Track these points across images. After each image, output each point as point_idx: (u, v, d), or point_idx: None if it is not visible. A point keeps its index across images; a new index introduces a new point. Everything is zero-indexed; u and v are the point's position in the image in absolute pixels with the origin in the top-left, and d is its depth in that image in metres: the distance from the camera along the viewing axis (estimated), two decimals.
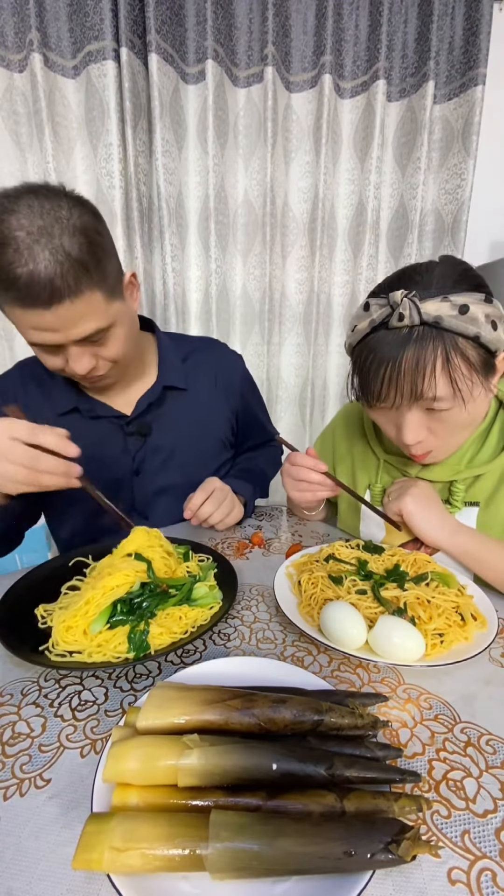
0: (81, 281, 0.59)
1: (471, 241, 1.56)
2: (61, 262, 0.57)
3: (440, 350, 0.55)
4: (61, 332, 0.62)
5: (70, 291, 0.58)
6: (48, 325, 0.60)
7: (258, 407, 1.06)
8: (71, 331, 0.62)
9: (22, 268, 0.55)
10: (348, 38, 1.45)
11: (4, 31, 1.28)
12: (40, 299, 0.57)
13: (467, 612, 0.52)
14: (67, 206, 0.59)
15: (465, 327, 0.54)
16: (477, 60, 1.41)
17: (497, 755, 0.39)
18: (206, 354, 0.94)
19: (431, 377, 0.56)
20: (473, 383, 0.57)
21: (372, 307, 0.59)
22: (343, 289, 1.65)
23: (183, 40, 1.38)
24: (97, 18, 1.26)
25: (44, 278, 0.56)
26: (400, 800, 0.32)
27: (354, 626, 0.49)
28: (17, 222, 0.55)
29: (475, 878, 0.31)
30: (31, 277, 0.56)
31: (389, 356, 0.57)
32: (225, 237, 1.54)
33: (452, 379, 0.56)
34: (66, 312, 0.60)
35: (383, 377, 0.58)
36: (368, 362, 0.59)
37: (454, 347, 0.55)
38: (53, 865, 0.31)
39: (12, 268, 0.55)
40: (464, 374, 0.56)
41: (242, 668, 0.46)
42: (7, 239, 0.55)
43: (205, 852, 0.28)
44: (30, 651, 0.48)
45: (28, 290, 0.56)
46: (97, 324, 0.64)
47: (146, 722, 0.36)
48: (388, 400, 0.60)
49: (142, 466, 0.85)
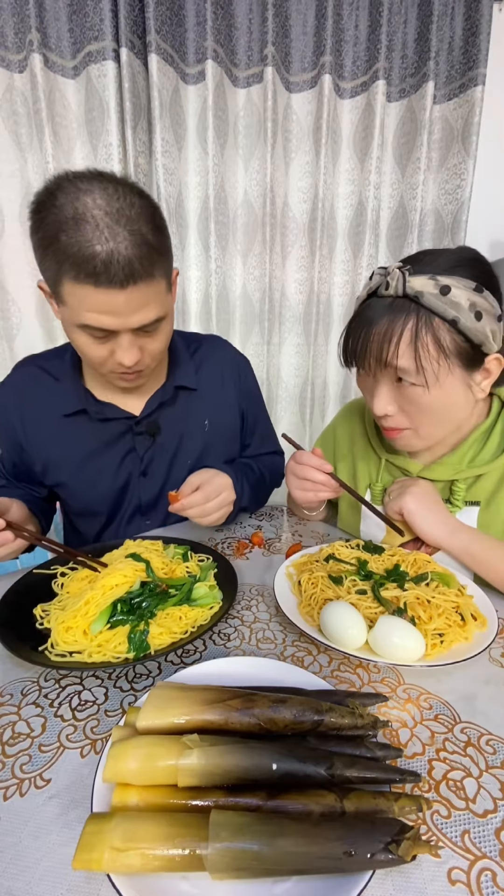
0: (155, 266, 0.60)
1: (471, 241, 1.56)
2: (139, 245, 0.57)
3: (411, 323, 0.57)
4: (123, 317, 0.60)
5: (146, 274, 0.59)
6: (116, 308, 0.59)
7: (262, 413, 1.03)
8: (133, 316, 0.61)
9: (102, 245, 0.55)
10: (348, 38, 1.45)
11: (4, 31, 1.28)
12: (117, 279, 0.56)
13: (467, 612, 0.52)
14: (137, 194, 0.59)
15: (444, 308, 0.55)
16: (477, 60, 1.41)
17: (497, 755, 0.39)
18: (210, 351, 0.93)
19: (397, 347, 0.58)
20: (440, 366, 0.58)
21: (375, 277, 0.61)
22: (343, 289, 1.65)
23: (183, 40, 1.38)
24: (97, 19, 1.26)
25: (124, 258, 0.56)
26: (400, 800, 0.32)
27: (354, 626, 0.49)
28: (94, 202, 0.55)
29: (475, 878, 0.31)
30: (110, 256, 0.55)
31: (369, 320, 0.60)
32: (225, 237, 1.54)
33: (417, 354, 0.57)
34: (137, 295, 0.59)
35: (358, 338, 0.61)
36: (353, 324, 0.63)
37: (427, 325, 0.57)
38: (53, 865, 0.31)
39: (91, 245, 0.54)
40: (430, 353, 0.57)
41: (242, 668, 0.46)
42: (84, 216, 0.54)
43: (205, 852, 0.28)
44: (30, 651, 0.48)
45: (106, 268, 0.55)
46: (157, 312, 0.64)
47: (146, 722, 0.36)
48: (360, 361, 0.63)
49: (149, 467, 0.85)
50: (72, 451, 0.80)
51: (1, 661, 0.50)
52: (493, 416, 0.69)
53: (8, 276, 1.43)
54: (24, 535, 0.60)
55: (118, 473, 0.83)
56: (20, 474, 0.86)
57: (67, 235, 0.55)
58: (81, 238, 0.54)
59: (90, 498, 0.84)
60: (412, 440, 0.68)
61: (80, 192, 0.55)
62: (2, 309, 1.45)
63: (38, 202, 0.58)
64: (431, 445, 0.70)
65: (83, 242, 0.54)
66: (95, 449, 0.81)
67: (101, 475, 0.82)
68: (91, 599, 0.52)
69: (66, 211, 0.55)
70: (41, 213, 0.57)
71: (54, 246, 0.56)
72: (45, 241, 0.57)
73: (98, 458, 0.81)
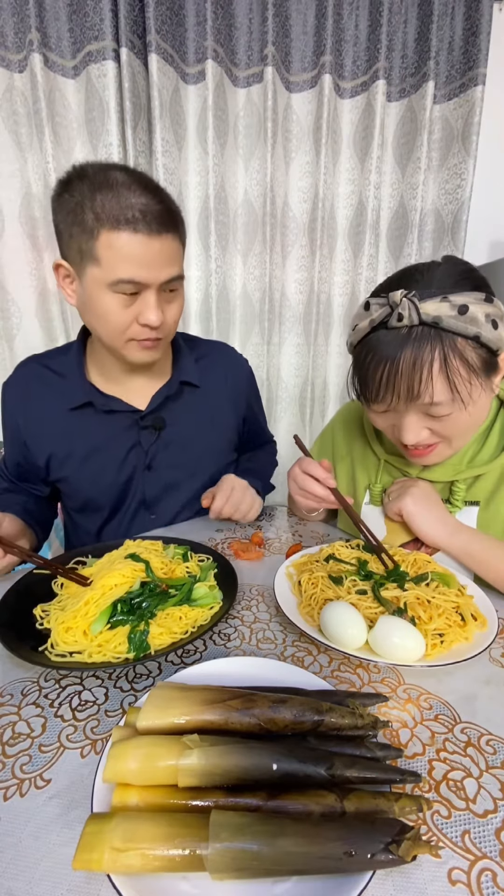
0: (178, 225, 0.69)
1: (471, 241, 1.56)
2: (168, 204, 0.66)
3: (438, 351, 0.54)
4: (155, 270, 0.66)
5: (173, 228, 0.67)
6: (150, 257, 0.64)
7: (260, 411, 1.07)
8: (162, 270, 0.66)
9: (137, 199, 0.63)
10: (348, 38, 1.45)
11: (4, 31, 1.28)
12: (153, 226, 0.63)
13: (467, 612, 0.52)
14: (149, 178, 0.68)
15: (465, 327, 0.53)
16: (477, 60, 1.41)
17: (497, 755, 0.39)
18: (217, 357, 0.95)
19: (429, 379, 0.55)
20: (472, 385, 0.56)
21: (372, 307, 0.58)
22: (343, 289, 1.65)
23: (183, 40, 1.38)
24: (97, 18, 1.26)
25: (157, 210, 0.64)
26: (400, 800, 0.32)
27: (354, 626, 0.49)
28: (121, 174, 0.64)
29: (475, 879, 0.31)
30: (146, 207, 0.63)
31: (388, 356, 0.57)
32: (225, 237, 1.54)
33: (451, 382, 0.55)
34: (167, 246, 0.66)
35: (381, 377, 0.58)
36: (367, 361, 0.59)
37: (452, 349, 0.54)
38: (53, 865, 0.31)
39: (128, 198, 0.62)
40: (462, 377, 0.55)
41: (242, 668, 0.46)
42: (116, 180, 0.63)
43: (205, 852, 0.28)
44: (30, 651, 0.48)
45: (143, 216, 0.62)
46: (179, 270, 0.70)
47: (146, 722, 0.36)
48: (385, 401, 0.60)
49: (154, 461, 0.86)
50: (77, 444, 0.82)
51: (1, 661, 0.50)
52: (492, 416, 0.69)
53: (8, 277, 1.43)
54: (13, 552, 0.61)
55: (123, 467, 0.84)
56: (23, 473, 0.87)
57: (103, 194, 0.62)
58: (119, 194, 0.62)
59: (94, 492, 0.85)
60: (445, 452, 0.67)
61: (107, 168, 0.64)
62: (2, 309, 1.45)
63: (65, 180, 0.66)
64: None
65: (121, 197, 0.62)
66: (100, 442, 0.82)
67: (105, 469, 0.83)
68: (91, 599, 0.52)
69: (98, 178, 0.63)
70: (71, 184, 0.65)
71: (91, 204, 0.62)
72: (79, 205, 0.63)
73: (103, 452, 0.83)
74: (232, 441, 0.97)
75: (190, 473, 0.89)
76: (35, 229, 1.41)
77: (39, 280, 1.46)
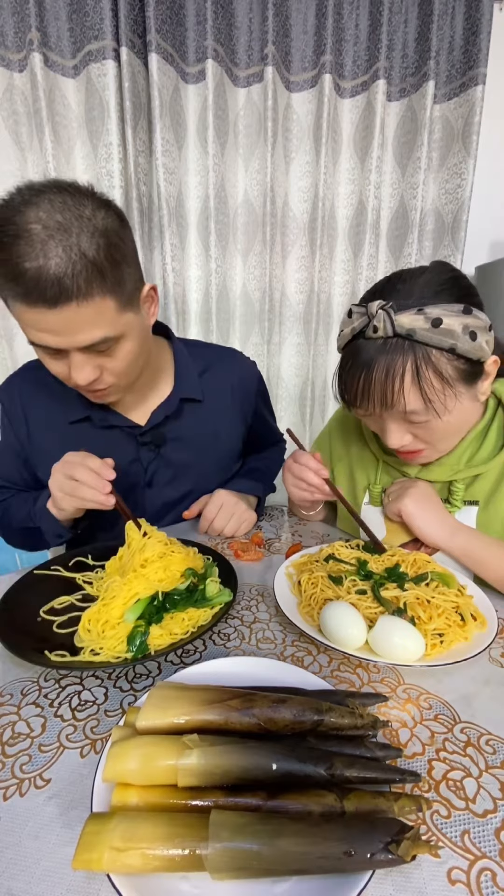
0: (93, 284, 0.56)
1: (471, 241, 1.56)
2: (74, 262, 0.54)
3: (410, 363, 0.56)
4: (64, 337, 0.58)
5: (79, 293, 0.55)
6: (51, 327, 0.57)
7: (269, 412, 1.06)
8: (75, 336, 0.59)
9: (31, 262, 0.52)
10: (348, 37, 1.45)
11: (4, 31, 1.27)
12: (45, 297, 0.54)
13: (467, 612, 0.52)
14: (92, 207, 0.56)
15: (439, 339, 0.54)
16: (477, 60, 1.41)
17: (497, 755, 0.39)
18: (223, 368, 0.91)
19: (401, 390, 0.57)
20: (447, 396, 0.57)
21: (354, 314, 0.60)
22: (343, 289, 1.65)
23: (183, 40, 1.38)
24: (97, 18, 1.26)
25: (52, 275, 0.53)
26: (400, 800, 0.32)
27: (354, 626, 0.49)
28: (35, 215, 0.53)
29: (475, 878, 0.31)
30: (38, 273, 0.53)
31: (363, 364, 0.59)
32: (225, 237, 1.54)
33: (423, 392, 0.56)
34: (72, 315, 0.56)
35: (357, 384, 0.60)
36: (347, 367, 0.62)
37: (426, 360, 0.55)
38: (53, 865, 0.31)
39: (21, 261, 0.52)
40: (435, 388, 0.56)
41: (242, 668, 0.46)
42: (21, 231, 0.52)
43: (205, 852, 0.28)
44: (30, 651, 0.48)
45: (35, 286, 0.53)
46: (104, 332, 0.60)
47: (146, 722, 0.36)
48: (362, 406, 0.61)
49: (153, 478, 0.84)
50: None
51: (1, 661, 0.50)
52: (490, 415, 0.69)
53: None
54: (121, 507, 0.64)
55: (122, 484, 0.82)
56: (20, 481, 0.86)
57: (3, 253, 0.53)
58: (14, 254, 0.52)
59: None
60: (431, 455, 0.68)
61: (26, 204, 0.53)
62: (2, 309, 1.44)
63: None
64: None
65: (15, 259, 0.53)
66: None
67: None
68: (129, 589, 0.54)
69: (7, 228, 0.53)
70: None
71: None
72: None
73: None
74: (236, 451, 0.95)
75: (191, 491, 0.88)
76: None
77: None
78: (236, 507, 0.82)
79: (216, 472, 0.91)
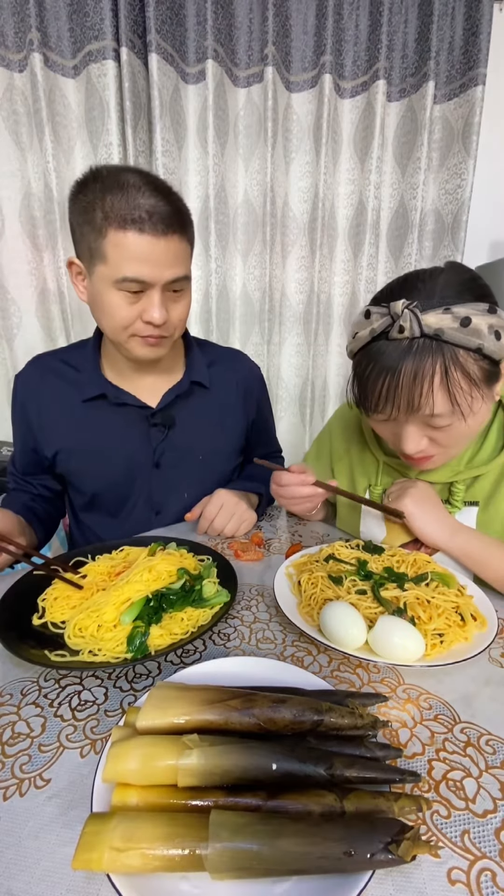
0: (186, 228, 0.71)
1: (471, 241, 1.56)
2: (177, 207, 0.69)
3: (439, 364, 0.54)
4: (159, 269, 0.68)
5: (180, 229, 0.69)
6: (153, 256, 0.66)
7: (270, 418, 1.08)
8: (166, 270, 0.68)
9: (145, 200, 0.65)
10: (348, 38, 1.45)
11: (4, 31, 1.28)
12: (158, 228, 0.65)
13: (467, 613, 0.52)
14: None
15: (468, 340, 0.53)
16: (477, 60, 1.41)
17: (497, 755, 0.39)
18: (229, 364, 0.96)
19: (429, 392, 0.55)
20: (473, 398, 0.56)
21: (373, 315, 0.57)
22: (343, 289, 1.65)
23: (183, 40, 1.38)
24: (97, 18, 1.26)
25: (164, 211, 0.66)
26: (400, 800, 0.32)
27: (354, 625, 0.49)
28: (134, 176, 0.66)
29: (475, 878, 0.31)
30: (153, 208, 0.65)
31: (388, 367, 0.56)
32: (225, 237, 1.54)
33: (451, 394, 0.55)
34: (172, 247, 0.68)
35: (381, 388, 0.57)
36: (368, 371, 0.59)
37: (454, 361, 0.54)
38: (53, 865, 0.31)
39: (136, 199, 0.64)
40: (463, 390, 0.55)
41: (242, 668, 0.46)
42: (127, 183, 0.65)
43: (205, 852, 0.28)
44: (30, 651, 0.48)
45: (150, 217, 0.65)
46: (185, 270, 0.72)
47: (146, 722, 0.36)
48: (385, 411, 0.59)
49: (161, 459, 0.87)
50: (87, 436, 0.83)
51: (1, 661, 0.50)
52: (490, 417, 0.69)
53: (8, 277, 1.43)
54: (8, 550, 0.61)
55: (130, 462, 0.85)
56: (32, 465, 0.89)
57: (114, 195, 0.64)
58: (128, 195, 0.64)
59: (101, 486, 0.87)
60: (440, 461, 0.67)
61: (120, 171, 0.67)
62: (2, 309, 1.45)
63: (82, 181, 0.68)
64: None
65: (129, 198, 0.64)
66: (110, 436, 0.84)
67: (113, 463, 0.84)
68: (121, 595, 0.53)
69: (110, 180, 0.65)
70: (86, 185, 0.67)
71: (101, 204, 0.65)
72: (91, 205, 0.65)
73: (112, 445, 0.84)
74: (239, 444, 0.97)
75: (196, 474, 0.90)
76: (35, 229, 1.41)
77: (39, 279, 1.46)
78: (237, 506, 0.83)
79: (220, 459, 0.94)
